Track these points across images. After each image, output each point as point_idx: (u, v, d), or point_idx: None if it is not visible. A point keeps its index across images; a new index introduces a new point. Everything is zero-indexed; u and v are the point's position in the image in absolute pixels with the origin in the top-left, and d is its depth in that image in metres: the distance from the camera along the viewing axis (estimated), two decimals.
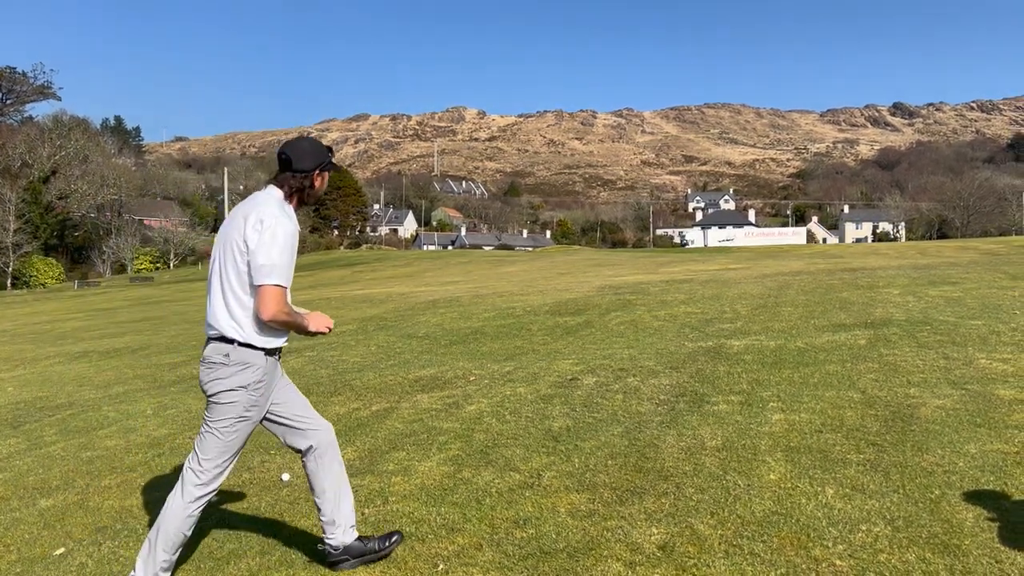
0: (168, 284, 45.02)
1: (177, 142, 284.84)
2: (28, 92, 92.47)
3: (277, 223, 3.10)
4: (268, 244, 3.07)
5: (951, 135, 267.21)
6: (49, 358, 12.13)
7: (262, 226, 3.09)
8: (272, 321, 3.10)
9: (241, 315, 3.14)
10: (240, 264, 3.13)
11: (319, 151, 3.33)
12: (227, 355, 3.15)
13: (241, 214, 3.19)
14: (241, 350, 3.15)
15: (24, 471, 5.37)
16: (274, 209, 3.16)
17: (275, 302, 3.08)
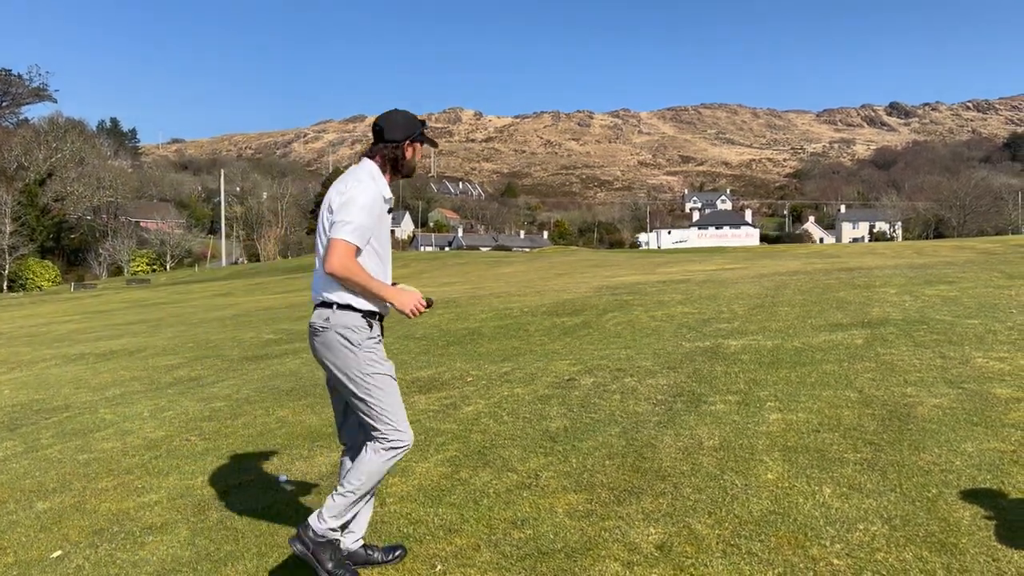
0: (165, 286, 44.97)
1: (173, 144, 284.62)
2: (24, 94, 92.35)
3: (359, 186, 3.18)
4: (346, 204, 3.13)
5: (947, 135, 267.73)
6: (45, 360, 12.11)
7: (345, 189, 3.18)
8: (333, 274, 3.11)
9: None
10: (327, 226, 3.21)
11: (411, 123, 3.37)
12: (327, 319, 3.20)
13: (335, 184, 3.28)
14: (340, 313, 3.19)
15: (21, 474, 5.36)
16: (360, 175, 3.23)
17: (338, 256, 3.08)
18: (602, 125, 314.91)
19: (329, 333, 3.18)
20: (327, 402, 6.85)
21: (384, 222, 3.29)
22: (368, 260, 3.21)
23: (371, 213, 3.16)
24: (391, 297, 3.19)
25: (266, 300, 22.89)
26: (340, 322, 3.17)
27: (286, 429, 5.99)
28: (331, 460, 5.03)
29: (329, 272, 3.11)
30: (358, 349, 3.17)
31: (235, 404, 7.13)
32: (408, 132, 3.34)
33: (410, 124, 3.36)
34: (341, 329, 3.16)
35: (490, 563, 3.37)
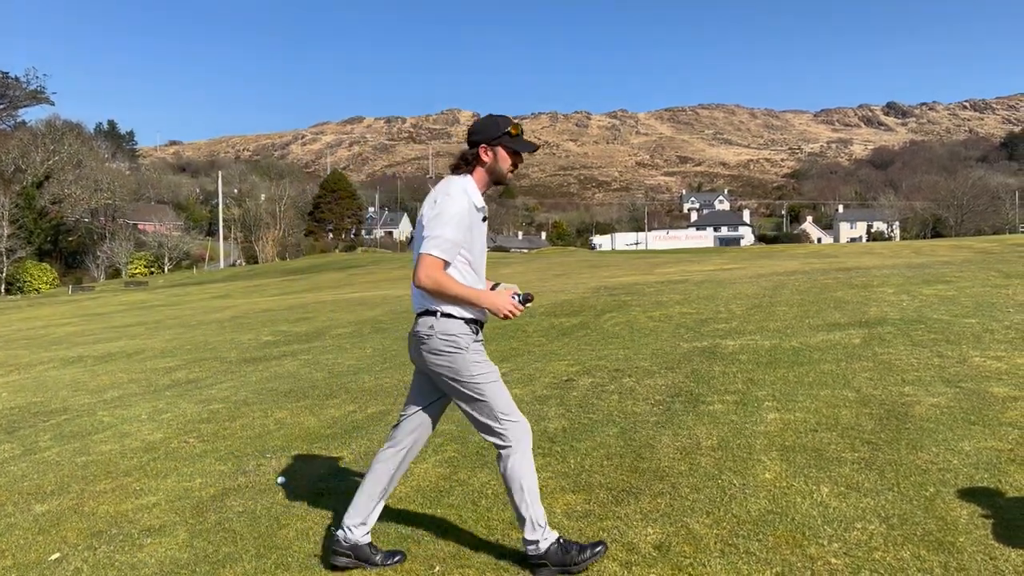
0: (162, 289, 44.93)
1: (171, 146, 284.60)
2: (21, 97, 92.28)
3: (448, 199, 3.19)
4: (434, 218, 3.16)
5: (944, 134, 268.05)
6: (43, 363, 12.10)
7: (435, 204, 3.20)
8: (422, 287, 3.15)
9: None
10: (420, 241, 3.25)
11: (488, 126, 3.33)
12: (431, 326, 3.23)
13: (429, 196, 3.31)
14: (443, 320, 3.22)
15: (19, 476, 5.35)
16: (451, 188, 3.24)
17: (423, 269, 3.13)
18: (600, 126, 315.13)
19: (435, 340, 3.23)
20: (323, 404, 6.85)
21: (477, 232, 3.28)
22: (460, 271, 3.23)
23: (460, 225, 3.17)
24: (483, 302, 3.22)
25: (264, 302, 22.88)
26: (444, 329, 3.22)
27: (284, 431, 5.99)
28: (329, 461, 5.04)
29: (419, 286, 3.16)
30: (465, 352, 3.22)
31: (233, 406, 7.12)
32: (485, 136, 3.31)
33: (488, 128, 3.32)
34: (447, 336, 3.21)
35: (488, 564, 3.37)
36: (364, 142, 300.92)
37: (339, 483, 4.57)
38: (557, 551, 3.24)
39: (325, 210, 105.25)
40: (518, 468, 3.25)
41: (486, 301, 3.22)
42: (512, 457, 3.25)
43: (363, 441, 5.48)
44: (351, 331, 12.58)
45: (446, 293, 3.16)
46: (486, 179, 3.35)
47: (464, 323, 3.24)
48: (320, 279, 37.84)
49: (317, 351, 10.55)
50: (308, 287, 31.92)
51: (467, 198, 3.23)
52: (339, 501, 4.24)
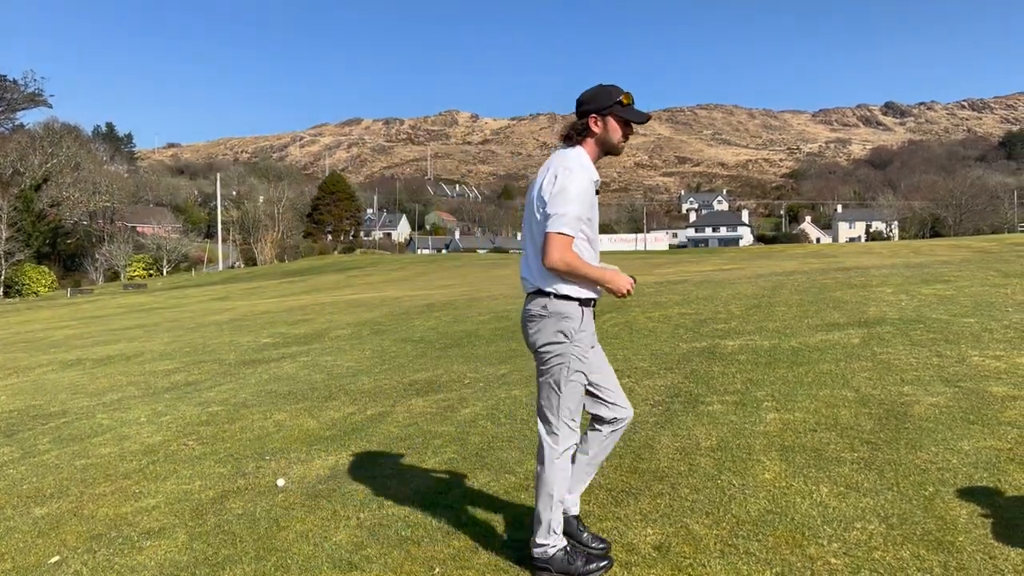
0: (161, 291, 44.90)
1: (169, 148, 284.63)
2: (19, 100, 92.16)
3: (569, 175, 3.10)
4: (557, 195, 3.09)
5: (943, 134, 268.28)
6: (42, 366, 12.09)
7: (555, 180, 3.12)
8: (553, 269, 3.10)
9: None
10: (540, 219, 3.16)
11: (599, 95, 3.23)
12: (544, 307, 3.19)
13: (543, 171, 3.24)
14: (556, 301, 3.18)
15: (18, 480, 5.35)
16: (569, 163, 3.16)
17: (556, 249, 3.07)
18: None
19: (547, 320, 3.19)
20: (322, 406, 6.85)
21: (594, 207, 3.22)
22: (580, 248, 3.17)
23: (583, 202, 3.11)
24: (608, 280, 3.18)
25: (263, 304, 22.87)
26: (557, 310, 3.18)
27: (283, 433, 5.99)
28: (329, 463, 5.03)
29: (550, 267, 3.10)
30: (570, 343, 3.19)
31: (232, 408, 7.12)
32: (596, 105, 3.21)
33: (598, 97, 3.22)
34: (558, 317, 3.18)
35: (488, 565, 3.37)
36: (362, 143, 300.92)
37: (339, 485, 4.57)
38: (563, 559, 3.23)
39: (324, 212, 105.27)
40: (552, 472, 3.24)
41: (609, 279, 3.19)
42: (552, 460, 3.24)
43: (362, 443, 5.47)
44: (350, 333, 12.57)
45: (576, 273, 3.11)
46: (596, 150, 3.27)
47: (578, 304, 3.19)
48: (319, 281, 37.82)
49: (316, 353, 10.54)
50: (307, 289, 31.91)
51: (587, 172, 3.15)
52: (339, 503, 4.24)
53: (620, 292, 3.21)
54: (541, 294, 3.21)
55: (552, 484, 3.24)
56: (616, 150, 3.29)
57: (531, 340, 3.27)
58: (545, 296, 3.20)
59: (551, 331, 3.19)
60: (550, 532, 3.25)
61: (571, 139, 3.26)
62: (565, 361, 3.20)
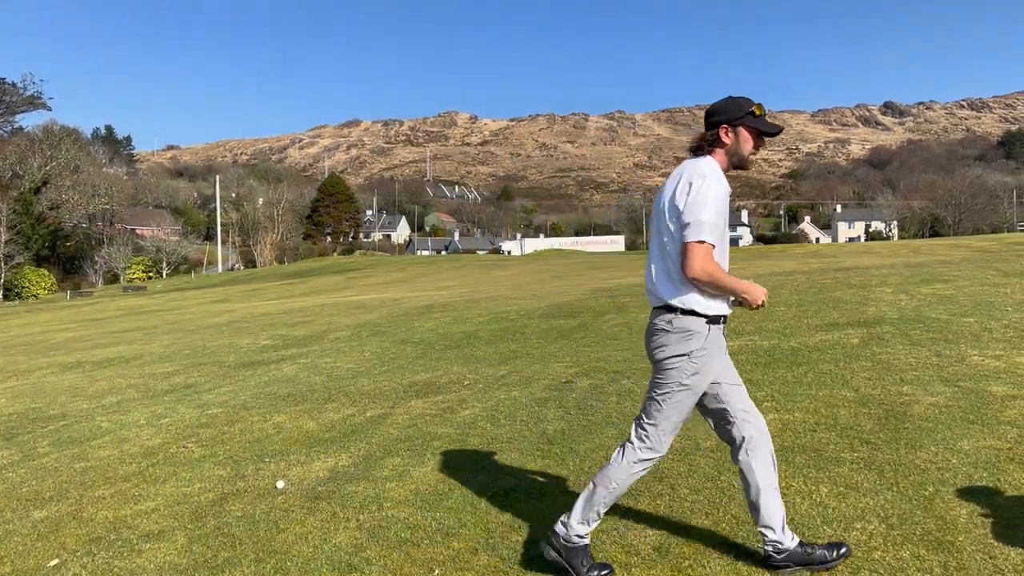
0: (161, 293, 44.89)
1: (168, 150, 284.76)
2: (18, 103, 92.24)
3: (704, 183, 3.04)
4: (693, 202, 3.01)
5: (942, 133, 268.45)
6: (42, 369, 12.08)
7: (690, 188, 3.05)
8: (696, 280, 3.03)
9: (680, 282, 3.11)
10: (673, 229, 3.09)
11: (731, 106, 3.19)
12: (670, 322, 3.13)
13: (673, 179, 3.17)
14: (683, 318, 3.11)
15: (17, 483, 5.34)
16: (703, 170, 3.10)
17: (698, 259, 3.00)
18: (597, 127, 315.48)
19: (670, 336, 3.13)
20: (322, 408, 6.84)
21: (727, 217, 3.16)
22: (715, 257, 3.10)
23: (719, 211, 3.05)
24: (745, 291, 3.10)
25: (262, 306, 22.87)
26: (683, 327, 3.11)
27: (283, 435, 5.98)
28: (328, 465, 5.03)
29: (693, 278, 3.03)
30: (687, 360, 3.12)
31: (232, 410, 7.12)
32: (728, 116, 3.16)
33: (730, 108, 3.18)
34: (682, 334, 3.11)
35: (488, 566, 3.37)
36: (362, 145, 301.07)
37: (338, 487, 4.57)
38: (576, 552, 3.22)
39: (323, 213, 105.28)
40: (619, 473, 3.21)
41: (747, 290, 3.10)
42: (629, 461, 3.20)
43: (362, 444, 5.47)
44: (349, 334, 12.57)
45: (716, 283, 3.04)
46: (726, 162, 3.20)
47: (705, 321, 3.12)
48: (318, 283, 37.82)
49: (315, 355, 10.54)
50: (306, 291, 31.91)
51: (722, 181, 3.10)
52: (339, 505, 4.24)
53: (755, 304, 3.13)
54: (667, 309, 3.14)
55: (615, 480, 3.20)
56: (745, 163, 3.24)
57: (652, 353, 3.21)
58: (671, 312, 3.13)
59: (673, 347, 3.12)
60: (588, 522, 3.23)
61: (701, 150, 3.21)
62: (677, 377, 3.14)
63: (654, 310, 3.23)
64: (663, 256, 3.16)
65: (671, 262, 3.12)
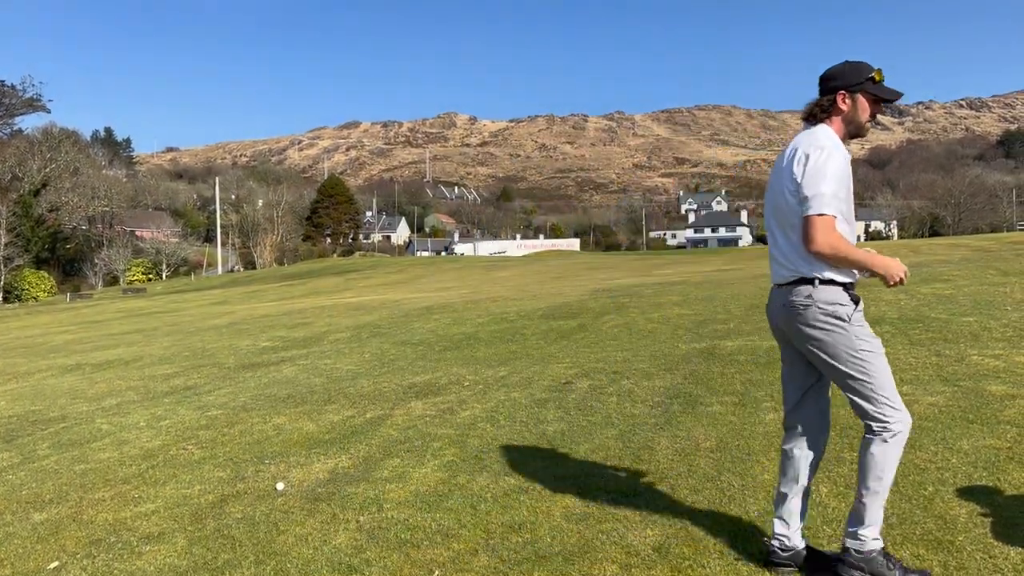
0: (161, 295, 44.89)
1: (168, 152, 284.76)
2: (17, 105, 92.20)
3: (822, 153, 2.92)
4: (811, 175, 2.90)
5: (941, 133, 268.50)
6: (41, 371, 12.08)
7: (807, 160, 2.93)
8: (818, 253, 2.89)
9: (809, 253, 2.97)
10: (793, 203, 2.97)
11: (849, 71, 3.04)
12: (810, 295, 2.96)
13: (788, 151, 3.07)
14: (824, 288, 2.95)
15: (17, 485, 5.34)
16: (820, 140, 2.98)
17: (820, 232, 2.87)
18: (597, 128, 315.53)
19: (813, 310, 2.95)
20: (321, 409, 6.84)
21: (850, 186, 3.02)
22: (839, 228, 2.95)
23: (840, 181, 2.92)
24: (879, 265, 2.93)
25: (262, 308, 22.87)
26: (825, 298, 2.94)
27: (283, 436, 5.98)
28: (328, 466, 5.03)
29: (816, 252, 2.89)
30: (848, 324, 2.93)
31: (232, 412, 7.12)
32: (846, 81, 3.02)
33: (848, 73, 3.03)
34: (828, 305, 2.94)
35: (487, 568, 3.37)
36: (361, 146, 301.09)
37: (338, 489, 4.57)
38: (877, 560, 2.99)
39: (323, 215, 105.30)
40: (882, 457, 2.97)
41: (879, 264, 2.93)
42: (879, 445, 2.98)
43: (362, 446, 5.47)
44: (349, 336, 12.57)
45: (842, 256, 2.88)
46: (843, 129, 3.07)
47: (843, 289, 2.95)
48: (318, 284, 37.82)
49: (315, 356, 10.54)
50: (306, 292, 31.91)
51: (840, 149, 2.97)
52: (338, 506, 4.24)
53: (893, 279, 2.94)
54: (804, 282, 2.97)
55: (883, 468, 2.97)
56: (863, 130, 3.09)
57: (799, 335, 3.02)
58: (808, 283, 2.97)
59: (824, 320, 2.94)
60: (873, 526, 3.01)
61: (815, 117, 3.09)
62: (851, 344, 2.93)
63: (783, 287, 3.07)
64: (785, 231, 3.04)
65: (795, 234, 2.99)
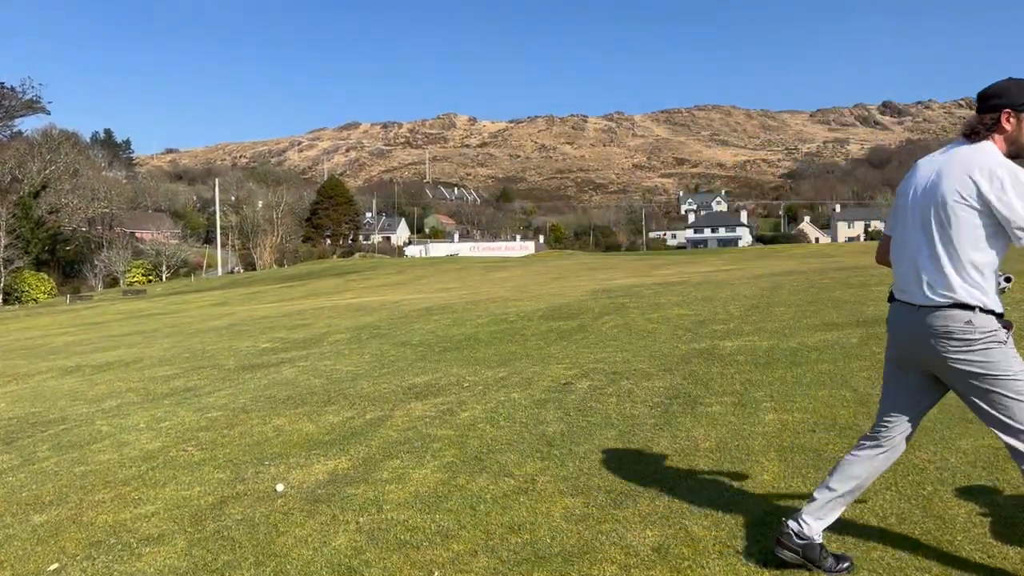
0: (160, 297, 44.89)
1: (168, 154, 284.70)
2: (17, 107, 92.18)
3: (1011, 174, 2.77)
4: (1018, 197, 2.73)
5: (941, 132, 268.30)
6: (41, 373, 12.09)
7: (1001, 183, 2.76)
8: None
9: (977, 278, 2.84)
10: (967, 219, 2.81)
11: (1012, 89, 2.91)
12: (970, 322, 2.84)
13: (962, 162, 2.88)
14: (983, 316, 2.84)
15: (17, 487, 5.35)
16: (999, 158, 2.83)
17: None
18: (596, 129, 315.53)
19: (973, 337, 2.83)
20: (321, 411, 6.85)
21: None
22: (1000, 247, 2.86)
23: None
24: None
25: (262, 309, 22.87)
26: (985, 326, 2.84)
27: (283, 438, 5.98)
28: (328, 468, 5.03)
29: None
30: (1006, 347, 2.85)
31: (232, 414, 7.12)
32: (1011, 100, 2.88)
33: (1012, 91, 2.90)
34: (986, 334, 2.84)
35: (487, 568, 3.37)
36: (361, 147, 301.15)
37: (338, 490, 4.57)
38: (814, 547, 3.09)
39: (322, 216, 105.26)
40: None
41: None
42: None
43: (361, 447, 5.47)
44: (349, 337, 12.57)
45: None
46: (1005, 148, 2.92)
47: (996, 318, 2.87)
48: (318, 285, 37.82)
49: (315, 357, 10.54)
50: (306, 293, 31.91)
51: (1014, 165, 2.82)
52: (338, 508, 4.25)
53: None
54: (960, 307, 2.85)
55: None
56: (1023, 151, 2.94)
57: (952, 359, 2.89)
58: (968, 310, 2.85)
59: (982, 346, 2.84)
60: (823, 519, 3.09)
61: (977, 135, 2.94)
62: (1010, 365, 2.83)
63: (930, 309, 2.92)
64: (947, 249, 2.88)
65: (962, 256, 2.85)
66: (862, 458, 3.16)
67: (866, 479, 3.16)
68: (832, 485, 3.16)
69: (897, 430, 3.15)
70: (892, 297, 3.14)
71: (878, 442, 3.16)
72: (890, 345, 3.16)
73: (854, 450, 3.21)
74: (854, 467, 3.16)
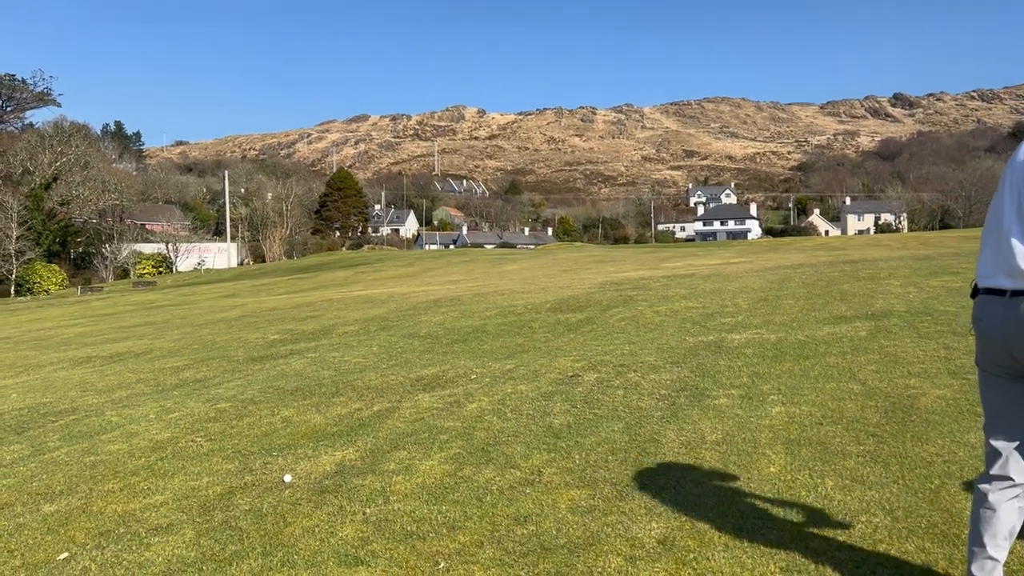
0: (171, 288, 45.09)
1: (177, 146, 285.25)
2: (28, 99, 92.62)
3: None
4: None
5: (952, 125, 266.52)
6: (52, 364, 12.17)
7: None
8: None
9: None
10: None
11: None
12: None
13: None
14: None
15: (28, 476, 5.39)
16: None
17: None
18: (605, 121, 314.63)
19: None
20: (329, 402, 6.87)
21: None
22: None
23: None
24: None
25: (271, 301, 22.94)
26: None
27: (291, 429, 6.01)
28: (335, 459, 5.05)
29: None
30: None
31: (240, 405, 7.15)
32: None
33: None
34: None
35: (493, 559, 3.38)
36: (370, 140, 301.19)
37: (345, 481, 4.59)
38: None
39: (331, 208, 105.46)
40: None
41: None
42: None
43: (369, 438, 5.49)
44: (357, 329, 12.60)
45: None
46: None
47: None
48: (327, 277, 37.90)
49: (324, 349, 10.57)
50: (315, 285, 31.99)
51: None
52: (345, 499, 4.27)
53: None
54: None
55: None
56: None
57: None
58: None
59: None
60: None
61: None
62: None
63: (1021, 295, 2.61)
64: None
65: None
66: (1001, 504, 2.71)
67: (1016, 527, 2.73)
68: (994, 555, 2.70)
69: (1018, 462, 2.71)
70: (976, 291, 2.80)
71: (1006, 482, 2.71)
72: (979, 347, 2.78)
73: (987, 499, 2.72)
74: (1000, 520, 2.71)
